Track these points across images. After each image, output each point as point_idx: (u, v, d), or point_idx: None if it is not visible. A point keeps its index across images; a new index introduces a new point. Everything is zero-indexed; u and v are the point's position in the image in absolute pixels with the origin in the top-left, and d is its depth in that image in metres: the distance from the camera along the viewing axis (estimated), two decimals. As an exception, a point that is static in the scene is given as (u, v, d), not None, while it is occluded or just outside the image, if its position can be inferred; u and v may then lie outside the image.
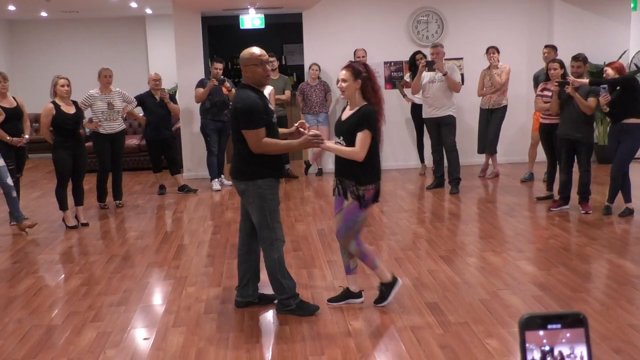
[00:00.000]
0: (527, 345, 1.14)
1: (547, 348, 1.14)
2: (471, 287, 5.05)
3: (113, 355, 4.06)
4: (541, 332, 1.15)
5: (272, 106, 4.63)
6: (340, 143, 4.49)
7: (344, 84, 4.45)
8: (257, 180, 4.44)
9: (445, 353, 3.90)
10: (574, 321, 1.16)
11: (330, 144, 4.57)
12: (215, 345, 4.14)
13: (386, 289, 4.68)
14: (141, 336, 4.38)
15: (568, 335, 1.14)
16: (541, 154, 8.57)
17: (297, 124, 4.71)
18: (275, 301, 4.71)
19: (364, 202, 4.44)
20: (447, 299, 4.79)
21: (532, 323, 1.15)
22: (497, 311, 4.52)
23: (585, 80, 7.00)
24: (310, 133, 4.48)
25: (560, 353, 1.14)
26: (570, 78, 7.07)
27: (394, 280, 4.71)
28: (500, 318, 4.40)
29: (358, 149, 4.36)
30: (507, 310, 4.53)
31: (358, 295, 4.79)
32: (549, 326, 1.15)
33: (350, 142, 4.39)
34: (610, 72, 6.96)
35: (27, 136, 7.67)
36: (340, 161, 4.53)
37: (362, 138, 4.35)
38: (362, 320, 4.46)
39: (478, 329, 4.23)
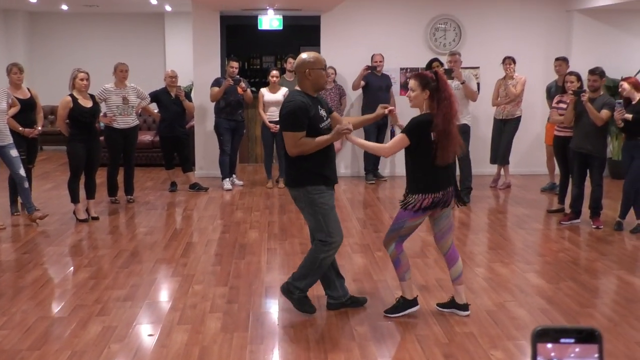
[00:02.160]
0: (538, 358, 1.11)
1: None
2: (478, 297, 5.03)
3: (117, 349, 4.08)
4: (550, 345, 1.12)
5: (324, 113, 4.52)
6: None
7: (412, 94, 4.39)
8: (306, 187, 4.43)
9: (449, 363, 3.88)
10: (588, 337, 1.12)
11: (356, 138, 4.62)
12: (219, 345, 4.15)
13: (403, 304, 4.63)
14: (146, 332, 4.39)
15: (577, 350, 1.11)
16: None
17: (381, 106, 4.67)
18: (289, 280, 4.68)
19: (409, 209, 4.43)
20: (453, 309, 4.77)
21: (545, 335, 1.12)
22: (504, 323, 4.50)
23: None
24: (342, 125, 4.33)
25: None
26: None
27: (414, 302, 4.65)
28: (506, 330, 4.38)
29: (387, 146, 4.47)
30: (514, 322, 4.51)
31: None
32: (562, 340, 1.11)
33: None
34: (626, 86, 6.90)
35: (39, 127, 7.73)
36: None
37: (396, 139, 4.43)
38: (367, 326, 4.45)
39: (483, 339, 4.22)
